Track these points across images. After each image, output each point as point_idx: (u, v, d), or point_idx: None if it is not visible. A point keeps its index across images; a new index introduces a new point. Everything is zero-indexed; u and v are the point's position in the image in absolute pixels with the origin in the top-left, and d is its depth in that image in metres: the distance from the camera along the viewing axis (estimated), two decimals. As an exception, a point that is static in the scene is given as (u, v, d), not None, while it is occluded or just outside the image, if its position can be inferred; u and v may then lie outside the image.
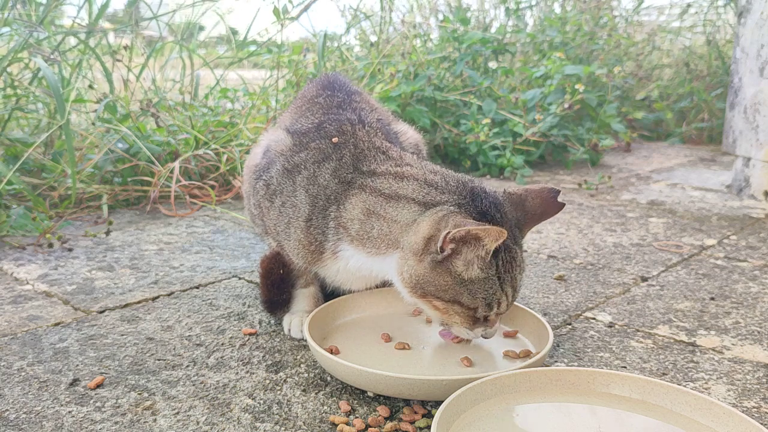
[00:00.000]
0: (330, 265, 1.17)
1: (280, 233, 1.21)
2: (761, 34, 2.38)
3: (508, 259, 1.03)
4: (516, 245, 1.05)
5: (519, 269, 1.05)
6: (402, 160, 1.14)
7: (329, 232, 1.13)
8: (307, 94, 1.40)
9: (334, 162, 1.15)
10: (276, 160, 1.23)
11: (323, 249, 1.14)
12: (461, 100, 3.08)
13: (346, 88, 1.37)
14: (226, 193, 2.41)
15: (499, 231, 0.95)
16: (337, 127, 1.20)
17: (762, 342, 1.24)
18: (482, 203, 1.03)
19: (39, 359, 1.14)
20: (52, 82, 1.95)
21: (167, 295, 1.47)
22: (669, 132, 4.15)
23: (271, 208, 1.22)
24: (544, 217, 1.11)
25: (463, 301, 1.02)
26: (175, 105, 2.66)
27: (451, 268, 1.00)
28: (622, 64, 3.80)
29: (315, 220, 1.14)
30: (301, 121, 1.29)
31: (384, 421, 0.96)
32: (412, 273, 1.03)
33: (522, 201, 1.08)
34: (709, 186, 2.75)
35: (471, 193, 1.05)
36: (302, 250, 1.17)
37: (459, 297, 1.02)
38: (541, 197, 1.09)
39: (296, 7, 2.69)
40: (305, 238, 1.15)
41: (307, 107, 1.33)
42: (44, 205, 2.00)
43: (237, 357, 1.16)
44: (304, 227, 1.15)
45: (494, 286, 1.02)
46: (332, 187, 1.13)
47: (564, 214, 2.22)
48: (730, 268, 1.67)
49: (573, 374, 1.00)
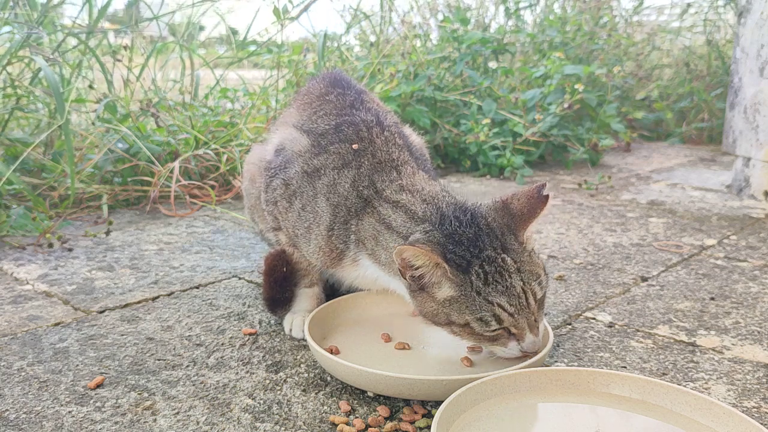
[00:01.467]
0: (350, 271, 1.20)
1: (300, 236, 1.22)
2: (761, 34, 2.38)
3: (491, 270, 1.00)
4: (504, 252, 1.02)
5: (518, 275, 1.01)
6: (406, 184, 1.15)
7: (350, 243, 1.16)
8: (314, 91, 1.40)
9: (353, 170, 1.17)
10: (294, 161, 1.24)
11: (344, 256, 1.18)
12: (461, 100, 3.08)
13: (354, 86, 1.39)
14: (226, 193, 2.41)
15: (412, 249, 0.98)
16: (355, 131, 1.22)
17: (762, 342, 1.24)
18: (451, 225, 1.03)
19: (39, 359, 1.14)
20: (53, 81, 1.95)
21: (167, 295, 1.47)
22: (669, 132, 4.15)
23: (290, 210, 1.23)
24: (534, 214, 1.08)
25: (455, 320, 1.02)
26: (175, 105, 2.66)
27: (429, 292, 1.03)
28: (621, 64, 3.80)
29: (337, 230, 1.17)
30: (315, 120, 1.30)
31: (384, 421, 0.96)
32: (415, 303, 1.07)
33: (506, 206, 1.07)
34: (709, 186, 2.75)
35: (440, 217, 1.05)
36: (322, 255, 1.20)
37: (450, 317, 1.02)
38: (526, 196, 1.07)
39: (296, 7, 2.69)
40: (326, 245, 1.18)
41: (318, 105, 1.34)
42: (44, 205, 2.00)
43: (237, 357, 1.16)
44: (326, 235, 1.17)
45: (476, 301, 0.99)
46: (352, 200, 1.16)
47: (564, 214, 2.22)
48: (730, 268, 1.67)
49: (573, 374, 1.00)
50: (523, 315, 1.01)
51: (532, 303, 1.02)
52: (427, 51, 3.37)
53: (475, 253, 1.01)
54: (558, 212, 2.26)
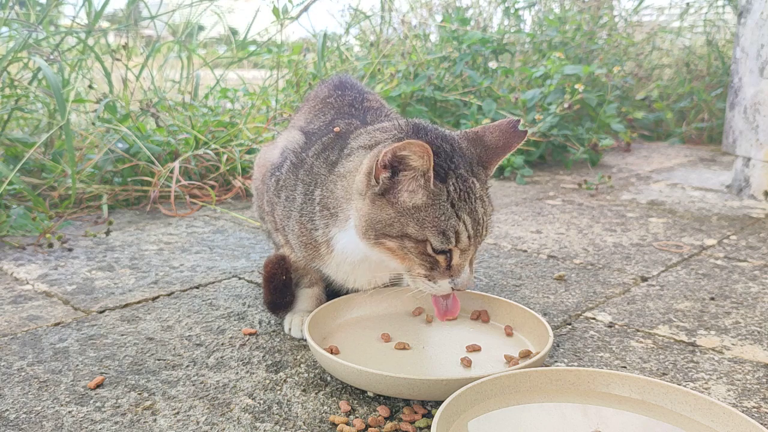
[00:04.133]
0: (328, 261, 1.17)
1: (287, 228, 1.23)
2: (761, 34, 2.38)
3: (463, 187, 1.00)
4: (473, 176, 1.03)
5: (480, 202, 1.02)
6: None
7: (316, 217, 1.14)
8: (320, 94, 1.42)
9: (335, 152, 1.17)
10: (288, 158, 1.25)
11: (317, 241, 1.15)
12: (461, 100, 3.09)
13: (357, 87, 1.40)
14: (226, 193, 2.41)
15: (420, 144, 0.94)
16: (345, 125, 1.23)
17: (762, 342, 1.24)
18: (427, 136, 1.02)
19: (39, 359, 1.14)
20: (53, 81, 1.95)
21: (167, 295, 1.47)
22: (669, 132, 4.15)
23: (278, 203, 1.24)
24: (507, 149, 1.08)
25: (410, 232, 0.99)
26: (174, 105, 2.66)
27: (393, 198, 0.99)
28: (621, 64, 3.80)
29: (305, 207, 1.15)
30: (314, 121, 1.32)
31: (384, 421, 0.96)
32: (360, 215, 1.03)
33: (480, 137, 1.08)
34: (709, 186, 2.75)
35: (414, 128, 1.04)
36: (299, 243, 1.19)
37: (405, 228, 0.99)
38: (500, 129, 1.07)
39: (296, 6, 2.69)
40: (298, 228, 1.17)
41: (320, 108, 1.36)
42: (44, 205, 2.00)
43: (237, 357, 1.16)
44: (297, 218, 1.17)
45: (446, 212, 0.98)
46: (319, 172, 1.15)
47: (564, 214, 2.22)
48: (730, 268, 1.67)
49: (573, 374, 1.00)
50: (474, 243, 1.01)
51: (484, 234, 1.03)
52: (427, 51, 3.37)
53: (451, 167, 1.01)
54: (558, 212, 2.26)
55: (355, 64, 3.13)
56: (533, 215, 2.21)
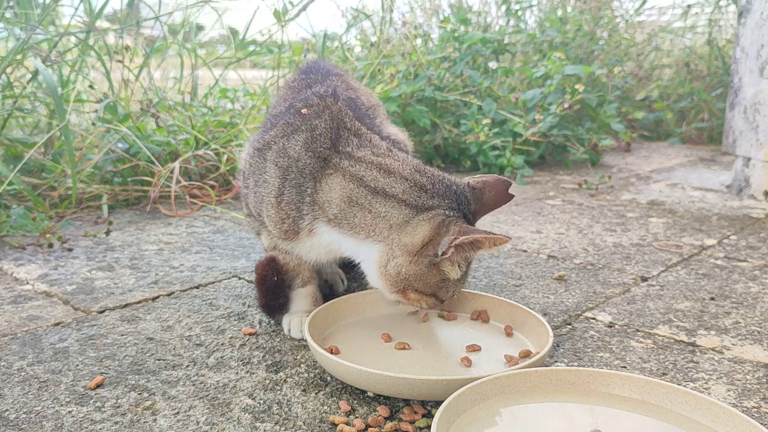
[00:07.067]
0: (305, 242, 1.16)
1: (262, 215, 1.20)
2: (761, 34, 2.38)
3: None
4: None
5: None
6: (381, 150, 1.14)
7: (304, 208, 1.12)
8: (289, 81, 1.44)
9: (305, 133, 1.14)
10: (247, 146, 1.25)
11: (298, 228, 1.14)
12: (461, 100, 3.08)
13: (324, 70, 1.37)
14: (226, 193, 2.41)
15: (501, 239, 1.01)
16: (304, 103, 1.20)
17: (762, 342, 1.24)
18: (466, 207, 1.10)
19: (39, 359, 1.14)
20: (51, 84, 1.94)
21: (167, 295, 1.47)
22: (669, 132, 4.15)
23: (249, 193, 1.23)
24: (496, 207, 1.18)
25: (440, 295, 1.10)
26: (174, 105, 2.66)
27: (443, 268, 1.07)
28: (622, 64, 3.81)
29: (287, 194, 1.13)
30: (276, 107, 1.31)
31: (384, 421, 0.96)
32: (400, 270, 1.07)
33: (481, 194, 1.14)
34: (709, 186, 2.75)
35: (456, 197, 1.09)
36: (275, 228, 1.16)
37: (438, 292, 1.09)
38: (495, 189, 1.15)
39: (295, 6, 2.69)
40: (276, 214, 1.15)
41: (283, 93, 1.37)
42: (44, 205, 2.00)
43: (237, 357, 1.16)
44: (275, 203, 1.14)
45: (463, 280, 1.11)
46: (305, 161, 1.12)
47: (564, 214, 2.22)
48: (730, 268, 1.67)
49: (573, 374, 1.00)
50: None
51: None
52: (427, 51, 3.37)
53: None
54: (558, 212, 2.26)
55: (355, 64, 3.13)
56: (533, 215, 2.21)
